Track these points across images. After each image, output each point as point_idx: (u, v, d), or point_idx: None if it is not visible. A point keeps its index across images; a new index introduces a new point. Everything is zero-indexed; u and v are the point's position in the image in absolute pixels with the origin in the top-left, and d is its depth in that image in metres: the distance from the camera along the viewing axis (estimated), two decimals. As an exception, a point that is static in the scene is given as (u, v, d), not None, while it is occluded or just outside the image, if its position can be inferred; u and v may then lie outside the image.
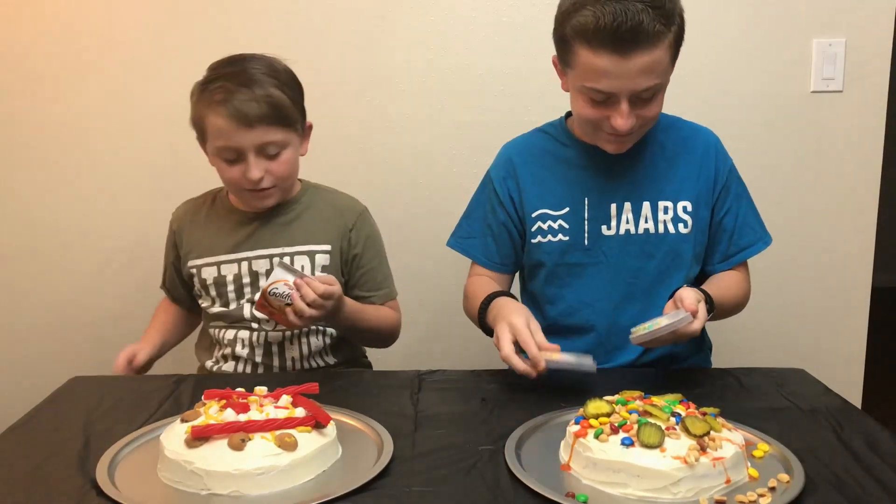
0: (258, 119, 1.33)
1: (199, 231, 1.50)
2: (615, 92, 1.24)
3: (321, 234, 1.48)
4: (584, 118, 1.32)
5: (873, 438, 1.04)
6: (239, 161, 1.37)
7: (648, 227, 1.39)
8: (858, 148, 1.99)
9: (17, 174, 1.98)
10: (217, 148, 1.37)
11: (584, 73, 1.26)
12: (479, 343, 2.02)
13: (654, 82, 1.25)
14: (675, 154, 1.41)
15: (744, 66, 1.95)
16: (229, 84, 1.34)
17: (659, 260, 1.40)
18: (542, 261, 1.43)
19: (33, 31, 1.92)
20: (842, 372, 2.04)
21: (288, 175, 1.43)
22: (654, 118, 1.33)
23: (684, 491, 0.87)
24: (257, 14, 1.91)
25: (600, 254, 1.40)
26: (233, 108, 1.32)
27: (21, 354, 2.04)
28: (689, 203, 1.40)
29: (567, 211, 1.40)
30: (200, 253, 1.48)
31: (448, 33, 1.94)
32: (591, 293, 1.41)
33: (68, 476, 0.95)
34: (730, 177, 1.43)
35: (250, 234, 1.47)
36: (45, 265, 2.02)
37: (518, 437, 1.02)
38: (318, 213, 1.50)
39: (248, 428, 0.93)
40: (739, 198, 1.45)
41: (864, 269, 2.04)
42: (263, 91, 1.34)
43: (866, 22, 1.93)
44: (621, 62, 1.21)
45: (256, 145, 1.35)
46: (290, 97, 1.38)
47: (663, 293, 1.33)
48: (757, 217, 1.47)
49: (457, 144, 1.98)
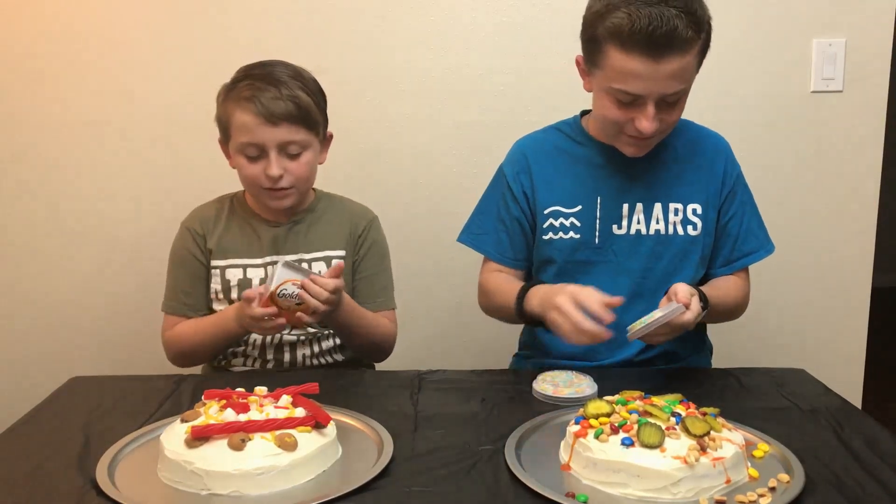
0: (283, 117, 1.37)
1: (222, 233, 1.49)
2: (643, 94, 1.26)
3: (336, 239, 1.51)
4: (610, 119, 1.33)
5: (873, 438, 1.04)
6: (260, 159, 1.40)
7: (659, 229, 1.41)
8: (858, 148, 1.99)
9: (18, 174, 1.98)
10: (240, 144, 1.40)
11: (614, 74, 1.26)
12: (480, 343, 2.03)
13: (681, 87, 1.26)
14: (686, 157, 1.43)
15: (744, 66, 1.95)
16: (258, 83, 1.38)
17: (667, 261, 1.41)
18: (552, 257, 1.44)
19: (33, 31, 1.92)
20: (842, 372, 2.04)
21: (307, 177, 1.45)
22: (674, 123, 1.34)
23: (684, 491, 0.87)
24: (257, 14, 1.91)
25: (610, 252, 1.41)
26: (259, 104, 1.36)
27: (21, 354, 2.04)
28: (698, 206, 1.41)
29: (580, 209, 1.41)
30: (225, 255, 1.48)
31: (448, 33, 1.94)
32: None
33: (68, 476, 0.95)
34: (737, 182, 1.45)
35: (272, 239, 1.48)
36: (45, 265, 2.02)
37: (518, 437, 1.02)
38: (333, 219, 1.52)
39: (248, 428, 0.93)
40: (745, 204, 1.46)
41: (864, 269, 2.04)
42: (290, 92, 1.38)
43: (866, 22, 1.93)
44: (653, 66, 1.22)
45: (279, 143, 1.38)
46: (314, 102, 1.42)
47: (661, 289, 1.33)
48: (761, 225, 1.48)
49: (457, 144, 1.98)
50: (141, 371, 1.46)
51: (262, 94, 1.37)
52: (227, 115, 1.41)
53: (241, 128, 1.39)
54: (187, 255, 1.49)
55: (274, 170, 1.38)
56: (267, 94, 1.37)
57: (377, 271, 1.54)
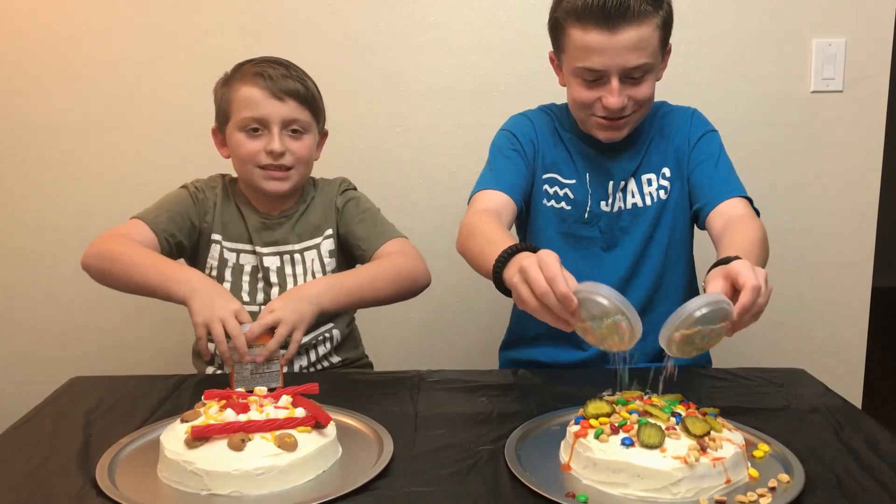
0: (290, 93, 1.38)
1: (219, 213, 1.47)
2: (605, 69, 1.29)
3: (321, 223, 1.49)
4: (578, 101, 1.36)
5: (873, 438, 1.04)
6: (261, 136, 1.39)
7: (636, 202, 1.44)
8: (858, 148, 1.99)
9: (18, 174, 1.98)
10: (242, 119, 1.38)
11: (575, 52, 1.31)
12: (480, 343, 2.03)
13: (643, 60, 1.29)
14: (657, 130, 1.46)
15: (744, 66, 1.95)
16: (264, 64, 1.40)
17: (643, 229, 1.43)
18: (541, 225, 1.45)
19: (34, 32, 1.92)
20: (842, 372, 2.05)
21: (307, 160, 1.44)
22: (645, 102, 1.36)
23: (684, 491, 0.87)
24: (258, 14, 1.92)
25: (595, 228, 1.44)
26: (269, 78, 1.37)
27: (21, 354, 2.04)
28: (667, 169, 1.44)
29: (574, 182, 1.45)
30: (224, 235, 1.46)
31: (448, 33, 1.94)
32: (581, 265, 1.40)
33: (68, 476, 0.95)
34: (703, 139, 1.44)
35: (263, 229, 1.47)
36: (46, 265, 2.02)
37: (518, 437, 1.02)
38: (316, 205, 1.51)
39: (248, 428, 0.93)
40: (714, 158, 1.41)
41: (864, 269, 2.04)
42: (298, 74, 1.42)
43: (866, 22, 1.93)
44: (609, 37, 1.26)
45: (284, 118, 1.38)
46: (318, 91, 1.45)
47: (647, 261, 1.42)
48: (732, 171, 1.42)
49: (457, 144, 1.98)
50: (141, 371, 1.46)
51: (270, 71, 1.38)
52: (230, 94, 1.40)
53: (244, 102, 1.38)
54: (184, 200, 1.44)
55: (276, 144, 1.37)
56: (275, 72, 1.38)
57: (369, 223, 1.47)
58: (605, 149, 1.43)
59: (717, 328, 0.96)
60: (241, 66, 1.42)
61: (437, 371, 1.32)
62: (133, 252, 1.30)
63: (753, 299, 0.95)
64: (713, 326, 0.95)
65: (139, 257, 1.29)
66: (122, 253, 1.30)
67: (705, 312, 0.94)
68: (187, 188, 1.48)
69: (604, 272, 1.42)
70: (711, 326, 0.95)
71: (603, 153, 1.44)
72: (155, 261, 1.30)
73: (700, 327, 0.95)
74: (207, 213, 1.46)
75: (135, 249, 1.31)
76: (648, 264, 1.45)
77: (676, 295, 1.47)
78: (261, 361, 1.20)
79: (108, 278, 1.33)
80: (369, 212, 1.50)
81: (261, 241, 1.46)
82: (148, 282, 1.27)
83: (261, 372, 1.21)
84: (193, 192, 1.47)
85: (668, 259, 1.46)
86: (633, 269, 1.45)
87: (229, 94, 1.41)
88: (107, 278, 1.33)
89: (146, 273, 1.27)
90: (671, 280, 1.47)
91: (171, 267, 1.29)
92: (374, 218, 1.49)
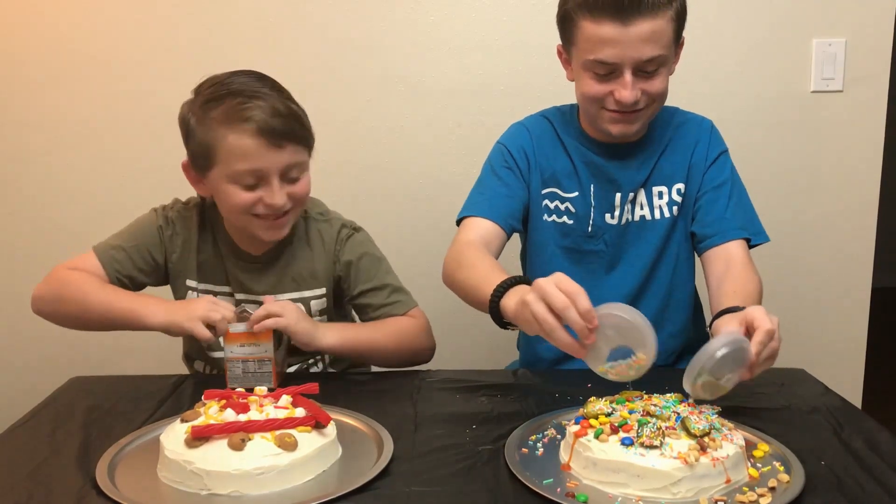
0: (287, 136, 1.22)
1: (194, 251, 1.37)
2: (618, 62, 1.26)
3: (315, 274, 1.38)
4: (589, 96, 1.32)
5: (873, 438, 1.03)
6: (257, 186, 1.24)
7: (644, 214, 1.40)
8: (858, 148, 1.99)
9: (18, 174, 1.98)
10: (236, 172, 1.22)
11: (587, 45, 1.27)
12: (480, 343, 2.02)
13: (657, 53, 1.26)
14: (670, 140, 1.41)
15: (744, 67, 1.95)
16: (242, 99, 1.20)
17: (653, 244, 1.40)
18: (543, 241, 1.42)
19: (35, 32, 1.92)
20: (842, 372, 2.04)
21: (306, 199, 1.32)
22: (658, 97, 1.32)
23: (684, 491, 0.87)
24: (257, 15, 1.91)
25: (601, 242, 1.41)
26: (264, 123, 1.19)
27: (21, 354, 2.04)
28: (682, 185, 1.40)
29: (577, 195, 1.41)
30: (200, 277, 1.37)
31: (448, 33, 1.94)
32: (587, 281, 1.39)
33: (68, 476, 0.95)
34: (719, 160, 1.41)
35: (245, 272, 1.37)
36: (46, 265, 2.01)
37: (518, 437, 1.02)
38: (309, 250, 1.39)
39: (248, 428, 0.93)
40: (723, 185, 1.39)
41: (864, 269, 2.04)
42: (282, 105, 1.23)
43: (866, 22, 1.93)
44: (623, 29, 1.23)
45: (283, 167, 1.23)
46: (303, 112, 1.28)
47: (656, 278, 1.39)
48: (741, 206, 1.40)
49: (457, 144, 1.98)
50: (141, 371, 1.45)
51: (258, 112, 1.19)
52: (214, 139, 1.21)
53: (237, 153, 1.21)
54: (149, 234, 1.36)
55: (279, 199, 1.23)
56: (262, 109, 1.20)
57: (375, 283, 1.39)
58: (613, 157, 1.39)
59: (733, 376, 1.02)
60: (218, 99, 1.22)
61: (437, 371, 1.32)
62: (94, 293, 1.29)
63: (770, 338, 1.03)
64: (730, 375, 1.01)
65: (100, 296, 1.28)
66: (84, 297, 1.29)
67: (726, 352, 0.98)
68: (157, 216, 1.38)
69: (610, 288, 1.39)
70: (729, 375, 1.01)
71: (610, 161, 1.39)
72: (119, 298, 1.29)
73: (722, 375, 1.00)
74: (175, 251, 1.36)
75: (95, 290, 1.30)
76: (657, 280, 1.41)
77: (685, 313, 1.45)
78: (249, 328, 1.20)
79: (72, 319, 1.33)
80: (381, 274, 1.40)
81: (241, 288, 1.36)
82: (114, 323, 1.28)
83: (253, 371, 1.22)
84: (160, 227, 1.36)
85: (677, 276, 1.42)
86: (642, 285, 1.41)
87: (213, 138, 1.22)
88: (69, 319, 1.33)
89: (108, 310, 1.27)
90: (679, 297, 1.44)
91: (134, 300, 1.28)
92: (391, 288, 1.40)
